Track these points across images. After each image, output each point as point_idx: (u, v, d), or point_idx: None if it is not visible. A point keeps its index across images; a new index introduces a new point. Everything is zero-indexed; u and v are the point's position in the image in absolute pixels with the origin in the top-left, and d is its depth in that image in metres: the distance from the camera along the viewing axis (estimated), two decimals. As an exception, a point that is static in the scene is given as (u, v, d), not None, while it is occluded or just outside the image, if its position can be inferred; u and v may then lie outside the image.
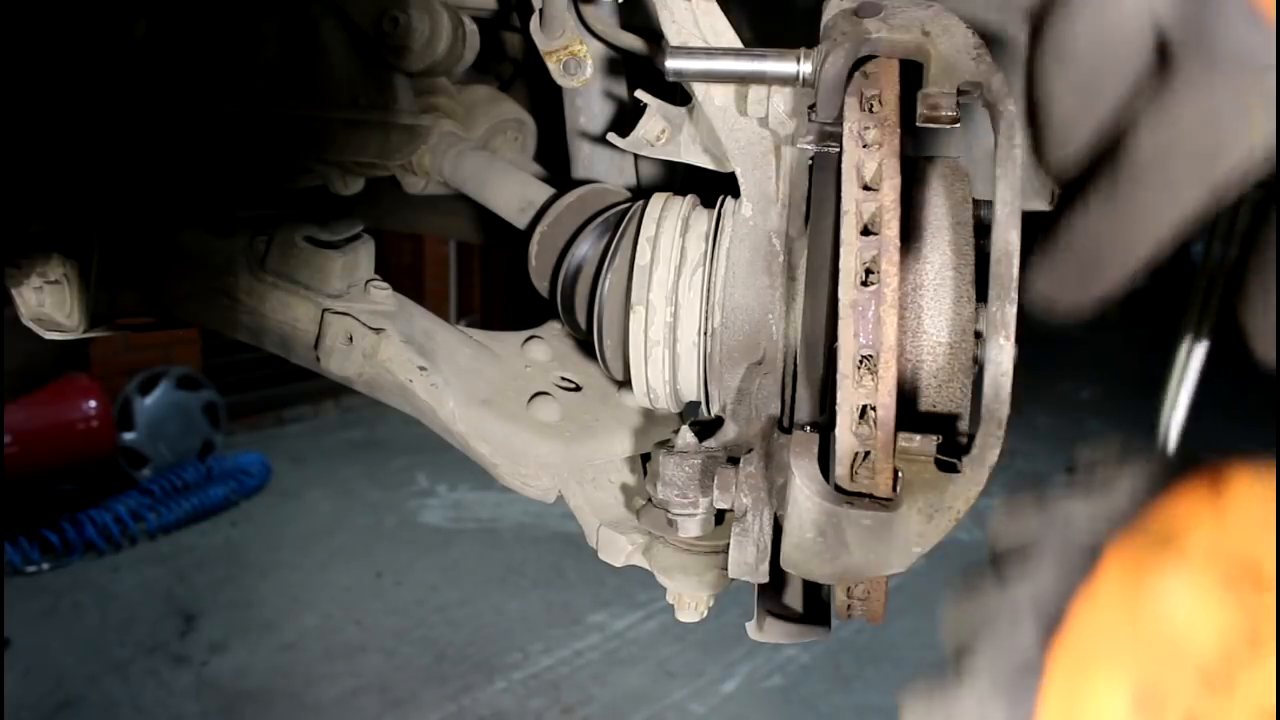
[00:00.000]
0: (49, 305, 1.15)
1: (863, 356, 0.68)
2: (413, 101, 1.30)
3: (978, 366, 0.71)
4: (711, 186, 0.99)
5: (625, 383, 1.01)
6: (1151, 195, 0.68)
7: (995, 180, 0.69)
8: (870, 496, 0.68)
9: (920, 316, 0.74)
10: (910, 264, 0.74)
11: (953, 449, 0.69)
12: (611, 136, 1.01)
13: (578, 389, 1.15)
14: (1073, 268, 0.73)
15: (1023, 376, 0.70)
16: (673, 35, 0.89)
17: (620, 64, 1.19)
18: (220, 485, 5.20)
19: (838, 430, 0.68)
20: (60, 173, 1.17)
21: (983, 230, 0.75)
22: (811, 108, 0.81)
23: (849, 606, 0.80)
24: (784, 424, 0.85)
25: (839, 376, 0.68)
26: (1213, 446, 0.61)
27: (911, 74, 0.76)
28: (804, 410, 0.77)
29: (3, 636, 3.89)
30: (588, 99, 1.22)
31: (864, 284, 0.68)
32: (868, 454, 0.68)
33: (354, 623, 4.26)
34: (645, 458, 1.11)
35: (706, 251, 0.92)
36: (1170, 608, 0.54)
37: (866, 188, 0.70)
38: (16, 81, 1.09)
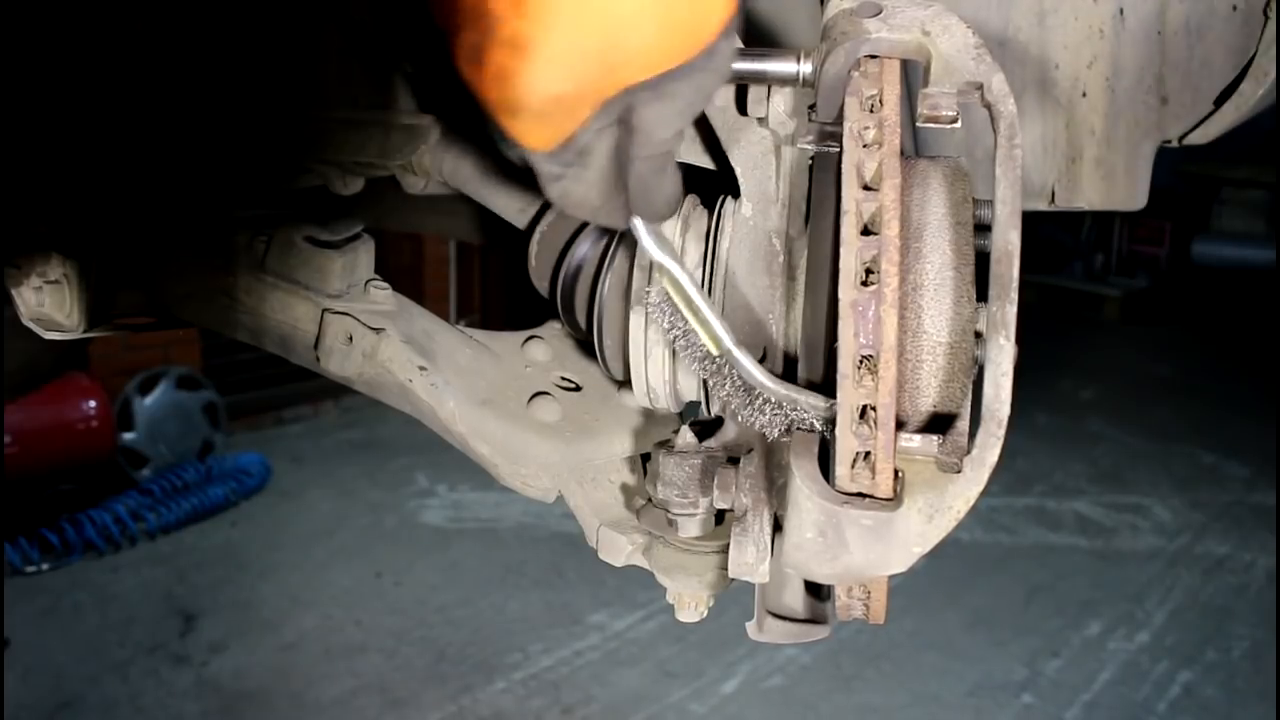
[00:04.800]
0: (49, 305, 1.15)
1: (863, 356, 0.68)
2: (413, 101, 1.30)
3: (978, 366, 0.71)
4: (711, 186, 0.99)
5: (625, 383, 1.01)
6: None
7: (995, 180, 0.69)
8: (870, 496, 0.68)
9: (920, 316, 0.74)
10: (910, 264, 0.74)
11: (953, 449, 0.69)
12: (611, 136, 1.01)
13: (578, 389, 1.14)
14: None
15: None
16: (673, 35, 0.89)
17: (620, 64, 1.19)
18: (220, 485, 5.19)
19: (838, 430, 0.68)
20: (60, 173, 1.17)
21: (983, 230, 0.75)
22: (811, 108, 0.81)
23: (849, 607, 0.80)
24: (784, 424, 0.85)
25: (839, 376, 0.68)
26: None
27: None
28: (804, 410, 0.77)
29: (3, 636, 3.89)
30: (588, 99, 1.21)
31: (864, 284, 0.68)
32: (868, 454, 0.68)
33: (354, 623, 4.26)
34: (645, 458, 1.11)
35: (706, 251, 0.92)
36: None
37: (867, 188, 0.70)
38: (17, 82, 1.09)
